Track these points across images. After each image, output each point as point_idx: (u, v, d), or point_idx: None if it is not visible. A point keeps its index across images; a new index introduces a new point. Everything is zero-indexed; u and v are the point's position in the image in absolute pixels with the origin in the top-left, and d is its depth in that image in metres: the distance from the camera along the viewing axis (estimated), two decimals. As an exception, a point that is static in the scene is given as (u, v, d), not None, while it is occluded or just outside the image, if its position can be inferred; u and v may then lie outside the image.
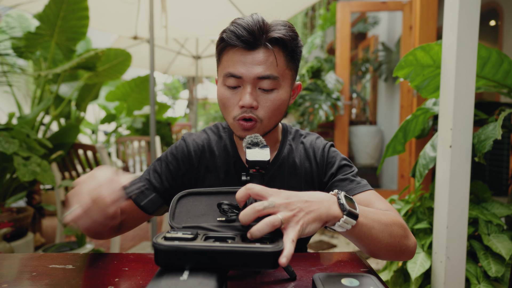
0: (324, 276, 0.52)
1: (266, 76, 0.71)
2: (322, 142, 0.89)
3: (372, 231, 0.58)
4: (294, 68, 0.77)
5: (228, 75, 0.73)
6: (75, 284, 0.59)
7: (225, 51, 0.74)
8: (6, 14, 3.08)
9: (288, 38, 0.72)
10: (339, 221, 0.53)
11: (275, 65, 0.71)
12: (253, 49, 0.70)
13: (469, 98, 1.24)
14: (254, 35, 0.69)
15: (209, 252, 0.44)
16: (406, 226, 0.68)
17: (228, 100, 0.75)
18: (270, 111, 0.74)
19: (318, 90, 3.64)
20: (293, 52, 0.74)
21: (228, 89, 0.74)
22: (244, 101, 0.71)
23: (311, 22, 6.35)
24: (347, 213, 0.53)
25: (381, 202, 0.74)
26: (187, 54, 5.10)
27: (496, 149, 3.24)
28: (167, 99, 15.88)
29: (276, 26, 0.72)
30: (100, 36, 8.85)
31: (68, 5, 2.32)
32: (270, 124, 0.77)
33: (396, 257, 0.66)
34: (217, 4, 3.18)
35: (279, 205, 0.50)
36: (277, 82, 0.73)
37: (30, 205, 2.80)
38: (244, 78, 0.71)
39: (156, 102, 4.24)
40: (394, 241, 0.62)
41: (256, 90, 0.73)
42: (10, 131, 1.96)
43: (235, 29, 0.70)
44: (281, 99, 0.74)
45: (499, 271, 1.29)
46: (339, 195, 0.55)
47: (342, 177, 0.80)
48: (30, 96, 3.83)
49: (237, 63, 0.71)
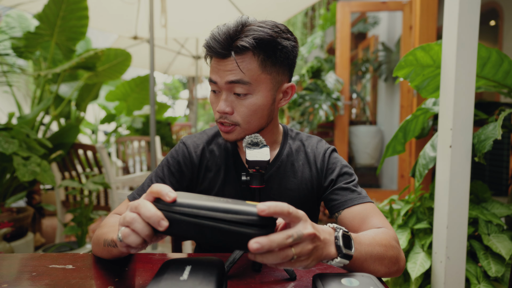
0: (324, 276, 0.52)
1: (236, 81, 0.72)
2: (324, 146, 0.88)
3: (363, 264, 0.59)
4: (276, 71, 0.75)
5: (209, 80, 0.77)
6: (75, 284, 0.59)
7: (209, 57, 0.78)
8: (6, 14, 3.08)
9: (258, 42, 0.70)
10: (332, 260, 0.54)
11: (246, 70, 0.72)
12: (224, 57, 0.73)
13: (469, 98, 1.24)
14: (222, 44, 0.71)
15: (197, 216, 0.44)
16: (397, 245, 0.68)
17: (212, 104, 0.79)
18: (246, 116, 0.75)
19: (318, 90, 3.64)
20: (272, 54, 0.73)
21: (213, 94, 0.78)
22: (219, 107, 0.75)
23: (311, 22, 6.35)
24: (342, 255, 0.54)
25: (378, 218, 0.75)
26: (187, 54, 5.10)
27: (496, 149, 3.24)
28: (167, 99, 15.89)
29: (249, 32, 0.70)
30: (100, 36, 8.85)
31: (68, 5, 2.32)
32: (252, 127, 0.77)
33: (383, 277, 0.68)
34: (218, 5, 3.19)
35: (304, 239, 0.47)
36: (250, 87, 0.73)
37: (30, 205, 2.80)
38: (219, 84, 0.75)
39: (156, 102, 4.24)
40: (383, 269, 0.63)
41: (231, 96, 0.75)
42: (10, 131, 1.96)
43: (209, 39, 0.73)
44: (256, 103, 0.74)
45: (499, 271, 1.29)
46: (338, 233, 0.55)
47: (344, 186, 0.80)
48: (30, 96, 3.83)
49: (213, 70, 0.75)
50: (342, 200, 0.78)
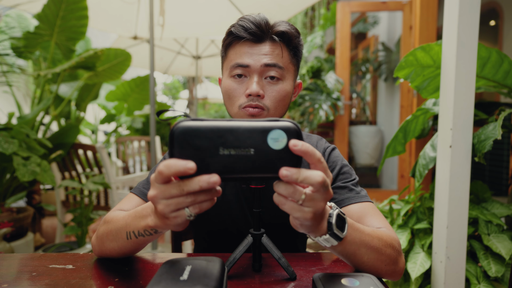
0: (324, 276, 0.52)
1: (273, 64, 0.74)
2: (324, 145, 0.87)
3: (357, 252, 0.57)
4: (296, 64, 0.81)
5: (235, 65, 0.75)
6: (75, 284, 0.59)
7: (231, 46, 0.78)
8: (6, 14, 3.08)
9: (292, 33, 0.76)
10: (320, 236, 0.52)
11: (281, 56, 0.75)
12: (260, 41, 0.75)
13: (469, 98, 1.24)
14: (261, 28, 0.74)
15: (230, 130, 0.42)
16: (399, 248, 0.66)
17: (234, 91, 0.76)
18: (276, 101, 0.76)
19: (318, 90, 3.64)
20: (296, 48, 0.79)
21: (235, 80, 0.76)
22: (251, 89, 0.73)
23: (311, 22, 6.36)
24: (331, 233, 0.51)
25: (376, 218, 0.72)
26: (187, 54, 5.10)
27: (496, 149, 3.24)
28: (167, 99, 15.88)
29: (281, 23, 0.77)
30: (100, 36, 8.85)
31: (67, 4, 2.32)
32: (276, 114, 0.78)
33: (381, 277, 0.65)
34: (218, 5, 3.18)
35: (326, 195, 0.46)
36: (283, 73, 0.76)
37: (30, 205, 2.80)
38: (251, 67, 0.74)
39: (156, 102, 4.23)
40: (380, 265, 0.60)
41: (263, 80, 0.75)
42: (10, 131, 1.96)
43: (243, 23, 0.74)
44: (286, 90, 0.77)
45: (499, 271, 1.29)
46: (332, 211, 0.53)
47: (342, 185, 0.79)
48: (30, 96, 3.84)
49: (244, 55, 0.75)
50: (340, 199, 0.77)
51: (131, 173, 3.78)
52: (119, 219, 0.62)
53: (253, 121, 0.43)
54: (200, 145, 0.42)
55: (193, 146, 0.42)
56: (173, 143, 0.42)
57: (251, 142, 0.43)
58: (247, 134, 0.43)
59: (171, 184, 0.43)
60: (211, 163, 0.42)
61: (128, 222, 0.58)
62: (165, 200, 0.44)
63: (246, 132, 0.43)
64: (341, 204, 0.76)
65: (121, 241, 0.61)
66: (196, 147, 0.42)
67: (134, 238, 0.57)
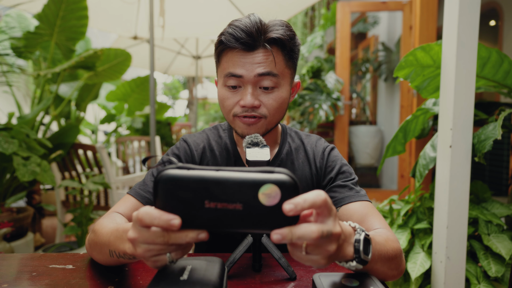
0: (324, 276, 0.52)
1: (266, 73, 0.71)
2: (323, 145, 0.88)
3: (373, 266, 0.54)
4: (292, 67, 0.78)
5: (228, 75, 0.73)
6: (75, 284, 0.59)
7: (224, 53, 0.75)
8: (6, 14, 3.08)
9: (286, 37, 0.73)
10: (346, 262, 0.48)
11: (274, 64, 0.72)
12: (252, 50, 0.71)
13: (469, 98, 1.24)
14: (252, 36, 0.70)
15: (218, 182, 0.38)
16: (401, 250, 0.66)
17: (228, 100, 0.75)
18: (273, 108, 0.75)
19: (318, 90, 3.64)
20: (291, 51, 0.76)
21: (229, 90, 0.75)
22: (245, 101, 0.72)
23: (311, 22, 6.36)
24: (358, 260, 0.48)
25: (377, 218, 0.72)
26: (187, 54, 5.10)
27: (496, 149, 3.24)
28: (167, 99, 15.88)
29: (274, 27, 0.72)
30: (100, 36, 8.85)
31: (67, 4, 2.32)
32: (274, 121, 0.77)
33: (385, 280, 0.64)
34: (218, 5, 3.19)
35: (332, 238, 0.42)
36: (278, 80, 0.74)
37: (30, 205, 2.80)
38: (245, 78, 0.72)
39: (156, 102, 4.23)
40: (389, 272, 0.60)
41: (257, 90, 0.74)
42: (10, 131, 1.96)
43: (233, 32, 0.71)
44: (282, 97, 0.75)
45: (499, 271, 1.29)
46: (360, 236, 0.48)
47: (342, 184, 0.80)
48: (30, 96, 3.84)
49: (236, 64, 0.72)
50: (340, 197, 0.77)
51: (131, 173, 3.78)
52: (103, 233, 0.60)
53: (244, 172, 0.39)
54: (184, 197, 0.39)
55: (177, 198, 0.39)
56: (157, 192, 0.39)
57: (240, 197, 0.38)
58: (236, 187, 0.38)
59: (155, 232, 0.40)
60: (197, 216, 0.39)
61: (111, 241, 0.56)
62: (146, 245, 0.42)
63: (235, 185, 0.38)
64: (342, 202, 0.77)
65: (106, 256, 0.59)
66: (180, 199, 0.39)
67: (116, 258, 0.56)
